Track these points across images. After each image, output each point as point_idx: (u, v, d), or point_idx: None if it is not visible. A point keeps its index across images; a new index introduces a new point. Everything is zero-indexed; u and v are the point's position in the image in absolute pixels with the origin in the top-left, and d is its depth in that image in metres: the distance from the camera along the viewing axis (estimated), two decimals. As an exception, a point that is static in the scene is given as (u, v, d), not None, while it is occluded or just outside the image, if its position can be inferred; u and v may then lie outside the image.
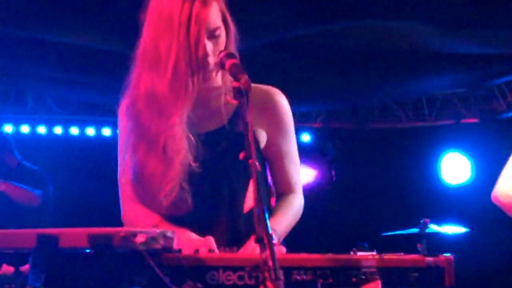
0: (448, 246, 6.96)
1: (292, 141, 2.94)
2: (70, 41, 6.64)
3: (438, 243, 6.78)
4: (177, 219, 2.75)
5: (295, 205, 2.93)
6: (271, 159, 2.90)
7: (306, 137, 9.57)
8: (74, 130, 9.07)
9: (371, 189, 9.04)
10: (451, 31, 6.57)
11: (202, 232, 2.73)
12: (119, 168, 2.88)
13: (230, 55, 2.53)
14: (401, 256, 2.62)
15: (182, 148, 2.69)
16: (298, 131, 9.37)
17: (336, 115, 9.50)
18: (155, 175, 2.70)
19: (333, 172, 9.36)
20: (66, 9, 5.92)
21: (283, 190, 2.93)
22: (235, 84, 2.40)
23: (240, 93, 2.37)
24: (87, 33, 6.45)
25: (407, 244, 6.43)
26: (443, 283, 2.73)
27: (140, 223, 2.77)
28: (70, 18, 6.09)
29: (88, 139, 9.11)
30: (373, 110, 9.34)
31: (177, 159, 2.68)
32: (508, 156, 3.31)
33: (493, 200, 3.25)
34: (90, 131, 9.13)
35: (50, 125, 8.98)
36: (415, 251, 6.15)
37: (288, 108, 2.93)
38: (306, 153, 9.45)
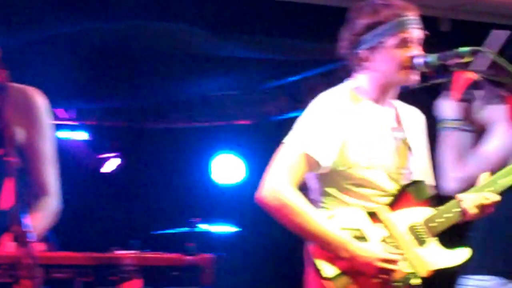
0: (219, 245, 7.13)
1: (49, 142, 2.91)
2: None
3: (209, 242, 6.93)
4: None
5: (52, 206, 2.91)
6: (27, 160, 2.85)
7: (81, 135, 9.45)
8: None
9: (144, 187, 9.08)
10: (223, 35, 6.74)
11: None
12: None
13: None
14: (161, 254, 2.67)
15: None
16: (73, 129, 9.24)
17: (112, 113, 9.45)
18: None
19: (102, 166, 9.31)
20: None
21: (39, 192, 2.89)
22: (-8, 79, 2.36)
23: (-3, 88, 2.34)
24: None
25: (178, 243, 6.53)
26: (202, 281, 2.81)
27: None
28: None
29: None
30: (147, 109, 9.37)
31: None
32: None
33: (257, 201, 3.25)
34: None
35: None
36: (186, 250, 6.26)
37: (46, 108, 2.90)
38: (81, 150, 9.36)
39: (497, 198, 3.44)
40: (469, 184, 3.62)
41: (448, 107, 4.25)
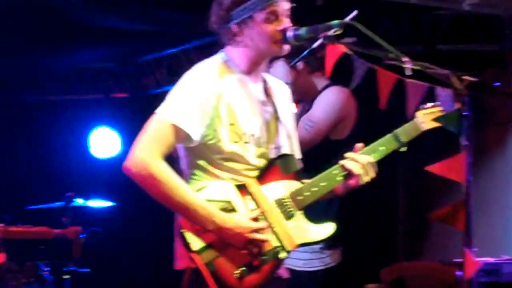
0: (95, 220, 7.06)
1: None
2: None
3: (85, 217, 6.84)
4: None
5: None
6: None
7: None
8: None
9: (19, 161, 8.88)
10: (99, 5, 6.64)
11: None
12: None
13: None
14: (27, 228, 2.62)
15: None
16: None
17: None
18: None
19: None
20: None
21: None
22: None
23: None
24: None
25: (53, 218, 6.42)
26: (70, 254, 2.78)
27: None
28: None
29: None
30: (21, 81, 9.14)
31: None
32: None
33: (124, 171, 3.24)
34: None
35: None
36: (61, 225, 6.18)
37: None
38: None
39: (372, 159, 3.50)
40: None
41: (278, 74, 4.36)
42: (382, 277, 5.36)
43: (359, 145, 3.54)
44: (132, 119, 8.81)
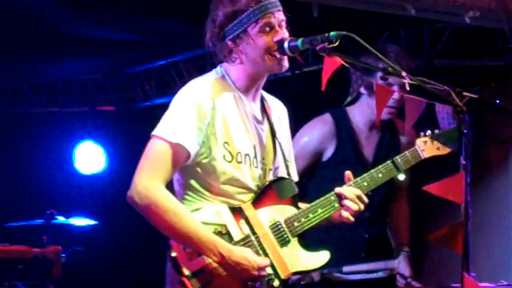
0: (77, 239, 7.02)
1: None
2: None
3: (66, 236, 6.80)
4: None
5: None
6: None
7: None
8: None
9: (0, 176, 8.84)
10: (86, 14, 6.61)
11: None
12: None
13: None
14: (5, 247, 2.60)
15: None
16: None
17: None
18: None
19: None
20: None
21: None
22: None
23: None
24: None
25: (34, 236, 6.38)
26: (50, 275, 2.74)
27: None
28: None
29: None
30: (4, 92, 9.10)
31: None
32: (144, 146, 3.31)
33: (129, 201, 3.21)
34: None
35: None
36: (42, 243, 6.12)
37: None
38: None
39: (359, 192, 3.51)
40: None
41: None
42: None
43: (347, 173, 3.56)
44: (118, 133, 8.80)
